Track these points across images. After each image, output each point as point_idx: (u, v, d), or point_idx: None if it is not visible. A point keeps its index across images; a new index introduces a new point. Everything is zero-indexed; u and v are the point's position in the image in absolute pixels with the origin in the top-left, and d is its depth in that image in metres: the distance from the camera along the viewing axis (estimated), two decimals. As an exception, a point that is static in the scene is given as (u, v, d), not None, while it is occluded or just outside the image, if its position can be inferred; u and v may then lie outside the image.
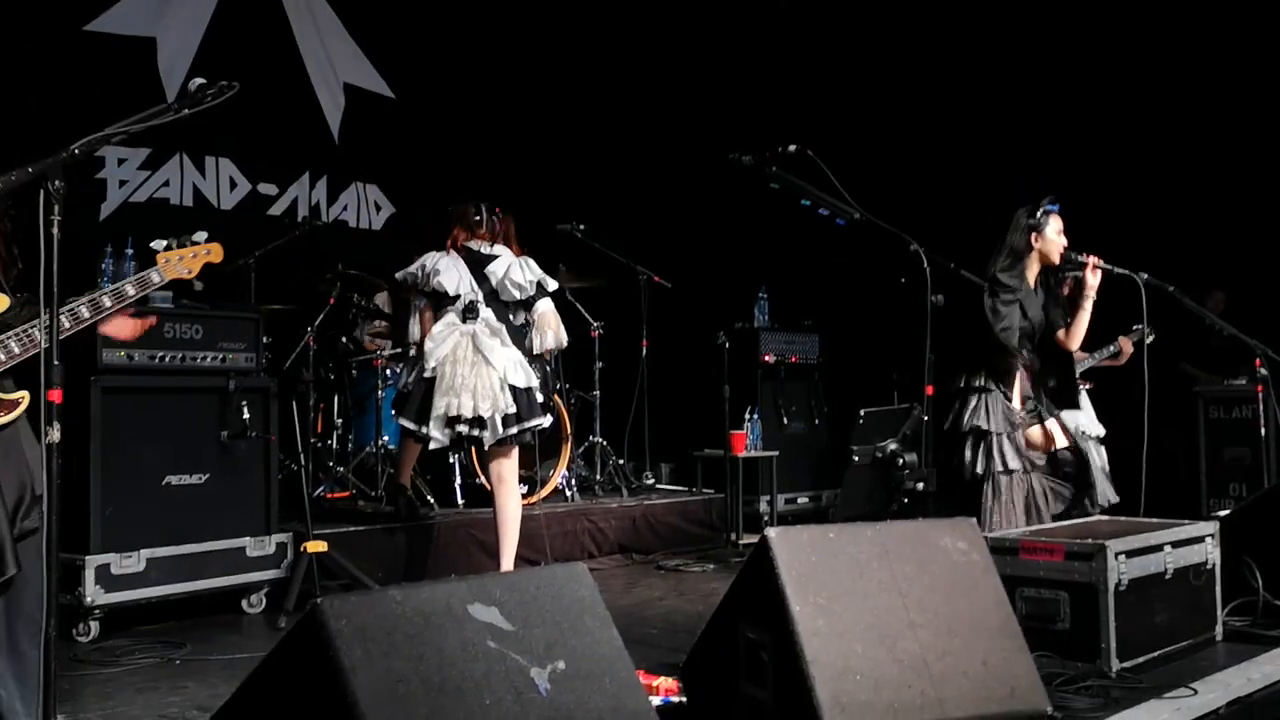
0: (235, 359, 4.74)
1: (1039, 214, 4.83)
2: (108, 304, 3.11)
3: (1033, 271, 4.88)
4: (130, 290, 3.17)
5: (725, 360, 7.05)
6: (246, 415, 4.70)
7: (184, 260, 3.40)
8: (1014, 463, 4.60)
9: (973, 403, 4.71)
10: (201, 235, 3.47)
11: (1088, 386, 6.26)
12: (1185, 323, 6.47)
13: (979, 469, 4.61)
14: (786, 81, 9.35)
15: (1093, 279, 4.79)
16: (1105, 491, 5.04)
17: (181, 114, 2.85)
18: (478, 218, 4.99)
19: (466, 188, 5.23)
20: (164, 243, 3.43)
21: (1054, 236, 4.82)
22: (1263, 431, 5.97)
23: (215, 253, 3.53)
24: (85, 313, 3.07)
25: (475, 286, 4.89)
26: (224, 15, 7.11)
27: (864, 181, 4.36)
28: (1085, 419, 6.18)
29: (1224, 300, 7.96)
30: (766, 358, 7.60)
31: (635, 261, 7.28)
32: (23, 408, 3.00)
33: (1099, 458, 6.12)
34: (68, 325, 2.98)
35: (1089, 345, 6.28)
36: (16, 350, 2.97)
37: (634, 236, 7.90)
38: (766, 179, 3.90)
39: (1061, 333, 4.94)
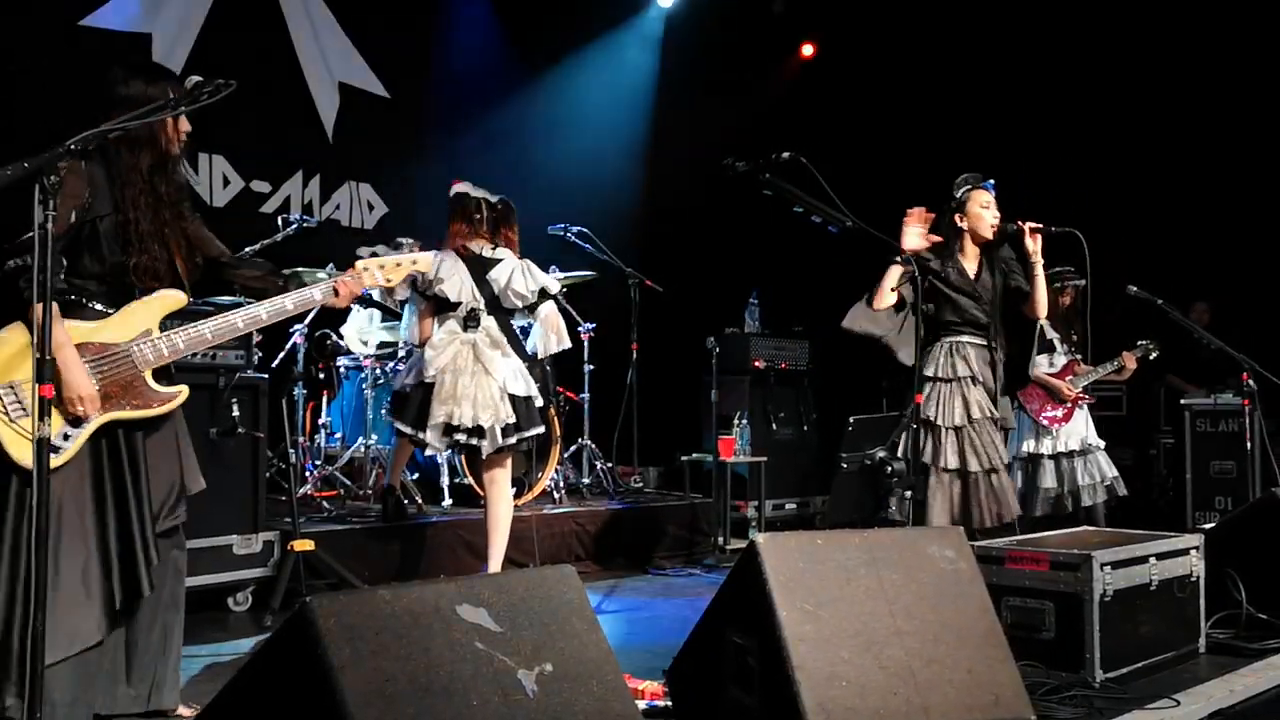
0: (225, 356, 4.71)
1: (959, 192, 4.77)
2: (264, 316, 3.22)
3: (970, 250, 4.74)
4: (289, 305, 3.25)
5: (715, 365, 7.06)
6: (235, 413, 4.68)
7: (385, 269, 3.41)
8: (953, 461, 4.45)
9: (927, 391, 4.56)
10: (409, 241, 3.46)
11: (1089, 401, 6.30)
12: (1172, 335, 6.52)
13: (924, 460, 4.45)
14: (782, 82, 9.39)
15: (1032, 244, 4.64)
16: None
17: (179, 111, 2.87)
18: (478, 215, 4.86)
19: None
20: (369, 250, 3.42)
21: (979, 211, 4.70)
22: (1249, 445, 6.00)
23: (422, 263, 3.51)
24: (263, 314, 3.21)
25: (477, 293, 4.80)
26: (219, 12, 7.10)
27: (857, 189, 4.37)
28: (1088, 430, 6.24)
29: (1208, 312, 8.01)
30: (756, 363, 7.61)
31: (627, 265, 7.28)
32: (180, 399, 3.09)
33: (1107, 467, 6.16)
34: (241, 325, 3.17)
35: (1094, 359, 6.32)
36: (181, 345, 3.05)
37: (626, 240, 7.91)
38: (759, 185, 3.91)
39: (1025, 306, 4.79)
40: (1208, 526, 5.04)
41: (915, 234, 4.58)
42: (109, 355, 2.99)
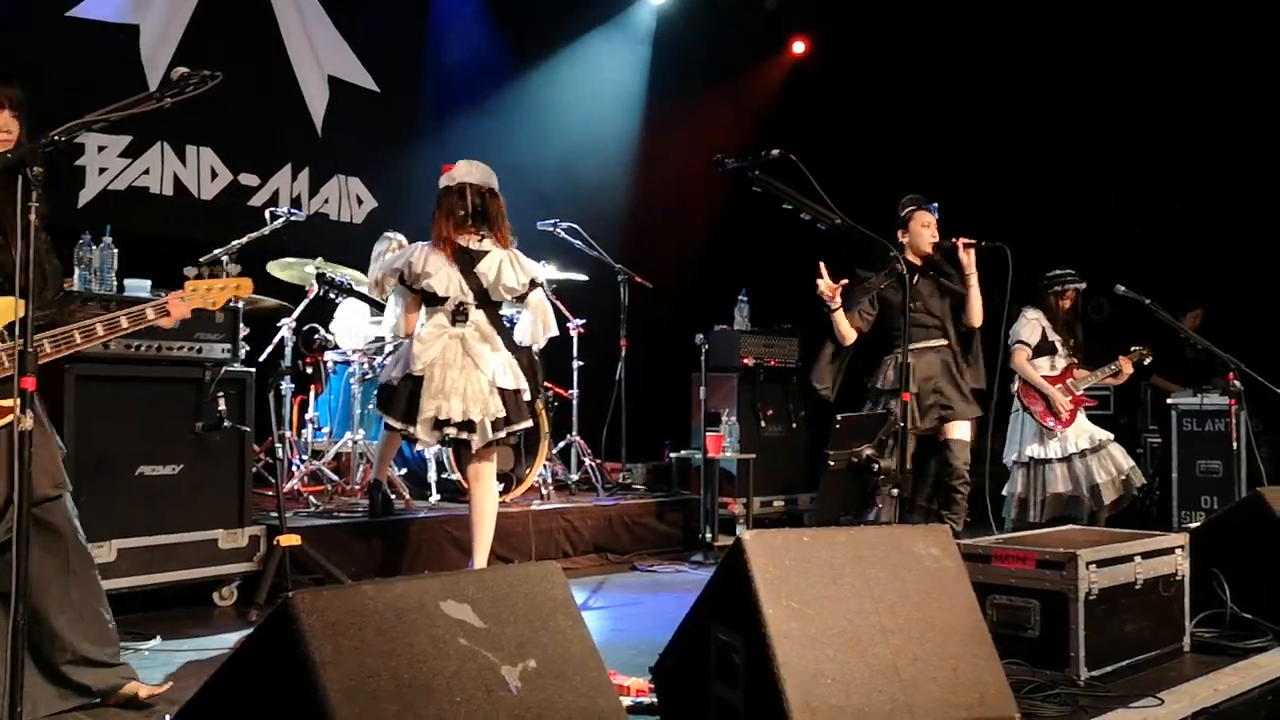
0: (212, 349, 4.68)
1: (904, 211, 5.47)
2: (100, 332, 3.14)
3: (910, 264, 5.41)
4: (124, 323, 3.20)
5: (704, 362, 7.06)
6: (222, 406, 4.65)
7: (210, 292, 3.43)
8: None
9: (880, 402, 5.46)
10: (235, 269, 3.56)
11: (1089, 404, 6.33)
12: (1158, 335, 6.54)
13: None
14: (773, 79, 9.38)
15: (966, 257, 5.32)
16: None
17: (164, 103, 2.85)
18: (462, 211, 4.79)
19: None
20: (195, 270, 3.47)
21: (919, 230, 5.39)
22: (1235, 445, 6.02)
23: (244, 287, 3.54)
24: (100, 330, 3.14)
25: (465, 287, 4.76)
26: (208, 4, 7.06)
27: (847, 187, 4.38)
28: (1093, 427, 6.32)
29: (1202, 315, 8.04)
30: (745, 360, 7.59)
31: (616, 261, 7.27)
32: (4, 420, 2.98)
33: (1122, 459, 6.23)
34: (79, 340, 3.09)
35: (1091, 363, 6.36)
36: (48, 349, 3.00)
37: (616, 236, 7.90)
38: (749, 182, 3.91)
39: (964, 315, 5.46)
40: (1193, 525, 5.05)
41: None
42: None
